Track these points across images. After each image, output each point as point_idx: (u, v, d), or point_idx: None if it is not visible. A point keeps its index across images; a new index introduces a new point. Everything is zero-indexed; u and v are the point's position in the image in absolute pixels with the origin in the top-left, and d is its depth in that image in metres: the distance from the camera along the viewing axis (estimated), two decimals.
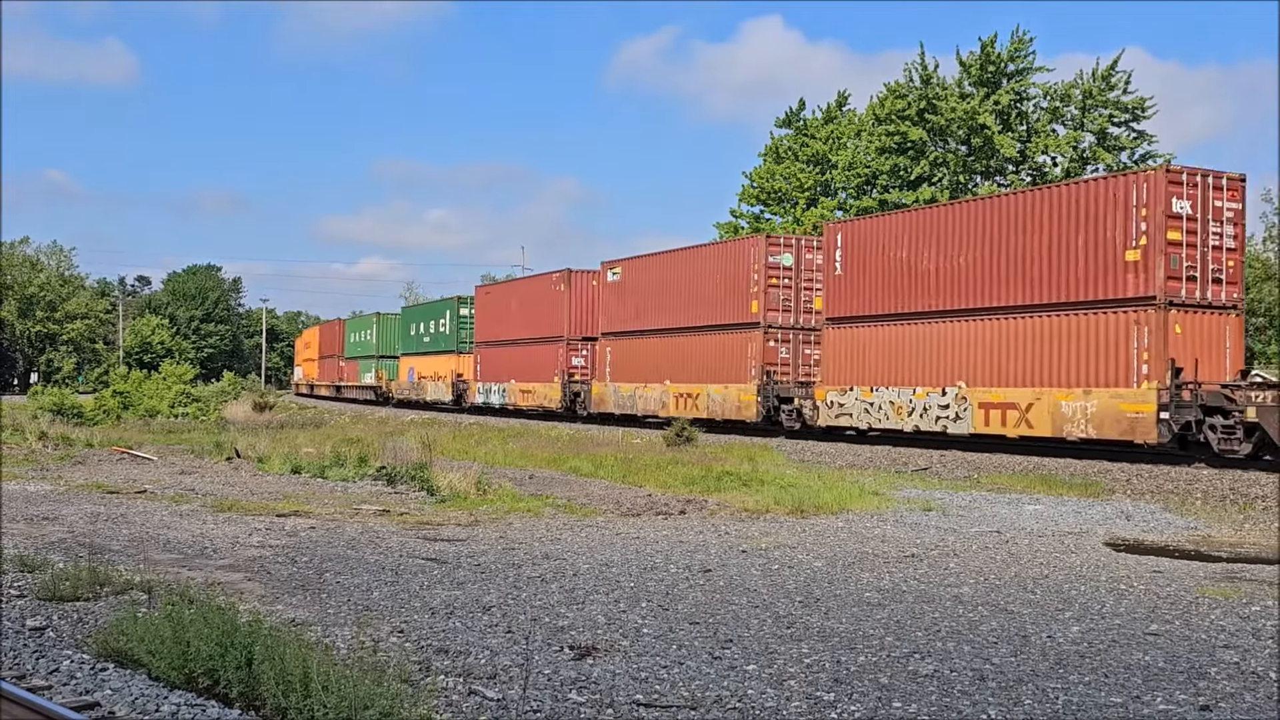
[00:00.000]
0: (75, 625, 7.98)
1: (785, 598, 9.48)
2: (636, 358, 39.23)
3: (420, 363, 59.95)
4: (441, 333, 57.23)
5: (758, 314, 33.24)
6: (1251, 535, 14.41)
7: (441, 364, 56.58)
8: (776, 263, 33.44)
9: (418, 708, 5.63)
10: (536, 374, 45.76)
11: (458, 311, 55.46)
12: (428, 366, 58.74)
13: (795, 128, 58.11)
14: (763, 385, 32.76)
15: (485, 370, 51.07)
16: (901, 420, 27.63)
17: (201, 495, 16.66)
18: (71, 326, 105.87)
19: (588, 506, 15.99)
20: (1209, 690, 6.77)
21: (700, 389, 35.38)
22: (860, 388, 28.94)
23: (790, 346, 33.52)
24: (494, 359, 50.27)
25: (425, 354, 59.52)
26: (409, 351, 62.15)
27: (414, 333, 61.59)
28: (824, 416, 30.21)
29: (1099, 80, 45.59)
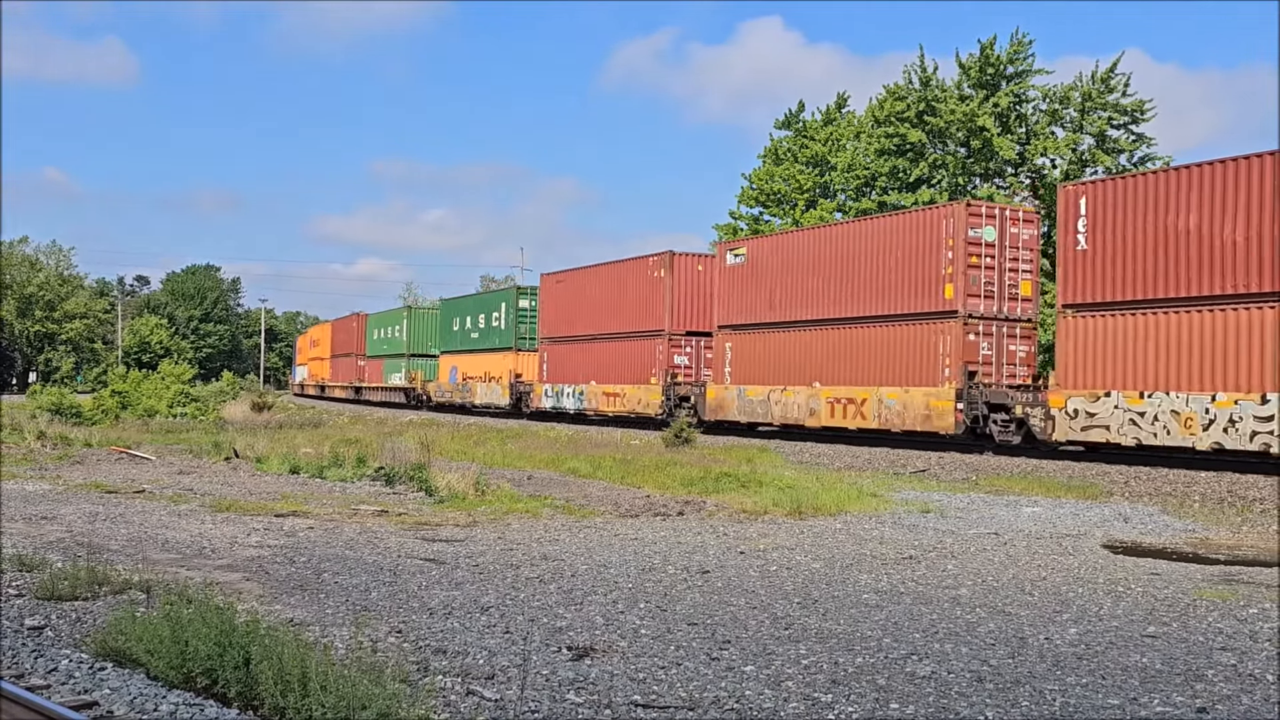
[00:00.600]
0: (74, 624, 7.98)
1: (783, 599, 9.48)
2: (769, 355, 32.60)
3: (466, 361, 52.97)
4: (495, 328, 50.16)
5: (953, 300, 26.86)
6: (1249, 538, 14.42)
7: (495, 363, 49.77)
8: (978, 237, 27.07)
9: (416, 708, 5.64)
10: (627, 374, 39.08)
11: (516, 304, 48.86)
12: (476, 365, 51.75)
13: (794, 129, 58.13)
14: (965, 389, 26.31)
15: (554, 369, 44.03)
16: (1192, 435, 21.28)
17: (200, 495, 16.66)
18: (70, 326, 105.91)
19: (586, 507, 16.00)
20: (1206, 692, 6.78)
21: (867, 393, 28.71)
22: (1123, 392, 22.63)
23: (992, 340, 27.10)
24: (566, 357, 43.19)
25: (473, 352, 52.38)
26: (451, 349, 55.13)
27: (457, 328, 54.60)
28: (1062, 429, 23.71)
29: (1098, 83, 45.59)
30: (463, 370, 53.24)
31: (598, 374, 40.73)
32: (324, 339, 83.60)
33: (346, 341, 74.37)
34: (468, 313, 54.13)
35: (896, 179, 49.23)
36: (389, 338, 65.23)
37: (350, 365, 72.83)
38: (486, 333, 51.23)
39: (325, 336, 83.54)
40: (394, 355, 63.91)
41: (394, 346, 64.08)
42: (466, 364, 52.96)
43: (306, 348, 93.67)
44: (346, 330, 75.45)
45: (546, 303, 45.30)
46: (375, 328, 68.52)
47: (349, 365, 73.07)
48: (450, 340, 55.58)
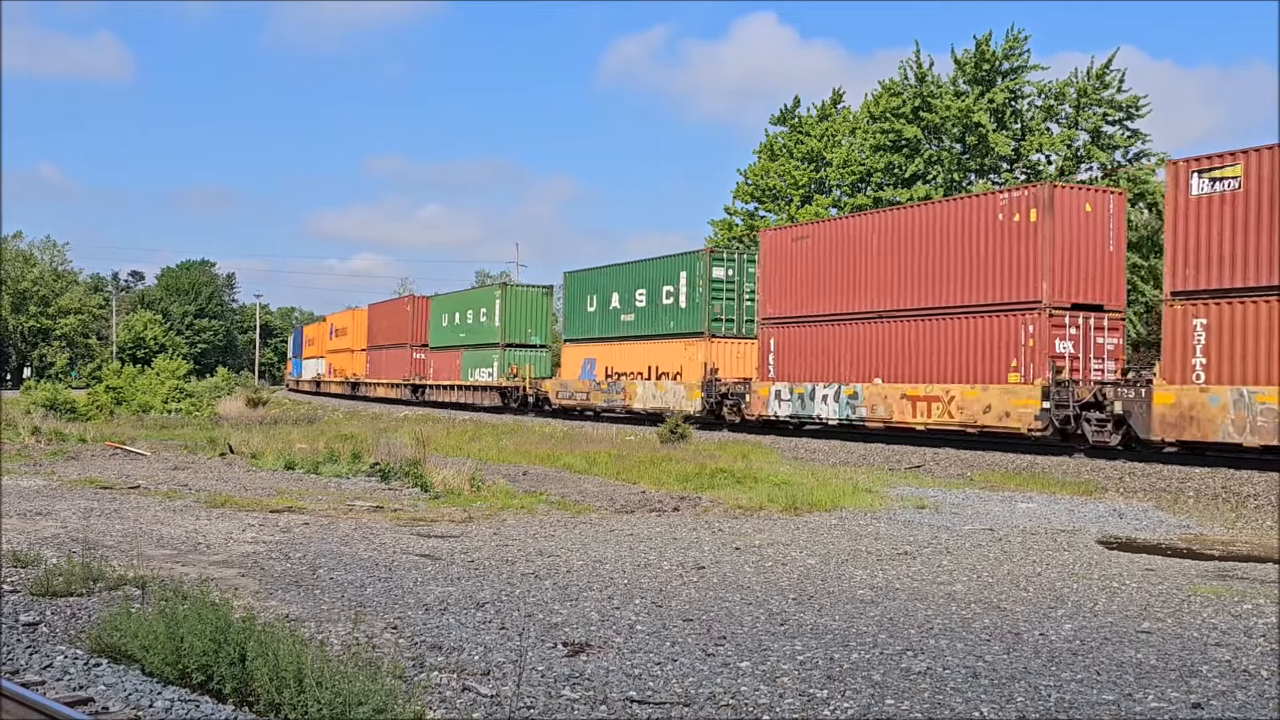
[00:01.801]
0: (69, 621, 7.97)
1: (778, 595, 9.49)
2: None
3: (613, 352, 39.80)
4: (667, 306, 36.99)
5: None
6: (1243, 534, 14.46)
7: (669, 353, 36.47)
8: None
9: (411, 704, 5.64)
10: (960, 368, 25.94)
11: (707, 272, 35.24)
12: (631, 357, 38.69)
13: (790, 125, 58.12)
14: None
15: (789, 363, 30.87)
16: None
17: (195, 491, 16.64)
18: (65, 322, 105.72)
19: (581, 503, 16.00)
20: (1201, 688, 6.79)
21: None
22: None
23: None
24: (815, 344, 29.92)
25: (626, 339, 39.15)
26: (583, 336, 41.98)
27: (595, 308, 41.27)
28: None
29: (1093, 79, 45.63)
30: (607, 363, 40.01)
31: (887, 368, 27.94)
32: (356, 327, 70.47)
33: (395, 329, 61.31)
34: (617, 288, 40.01)
35: (892, 175, 49.26)
36: (468, 324, 52.16)
37: (402, 359, 59.50)
38: (652, 313, 37.83)
39: (358, 324, 70.20)
40: (478, 345, 50.68)
41: (478, 334, 50.86)
42: (614, 355, 39.66)
43: (322, 339, 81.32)
44: (394, 315, 62.31)
45: (774, 270, 31.74)
46: (443, 312, 55.83)
47: (400, 359, 59.87)
48: (582, 324, 42.16)
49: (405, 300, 62.57)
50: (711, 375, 34.40)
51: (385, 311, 65.33)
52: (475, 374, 50.67)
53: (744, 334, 35.21)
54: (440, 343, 55.55)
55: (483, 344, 50.25)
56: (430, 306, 57.78)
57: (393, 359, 61.71)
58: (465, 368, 51.75)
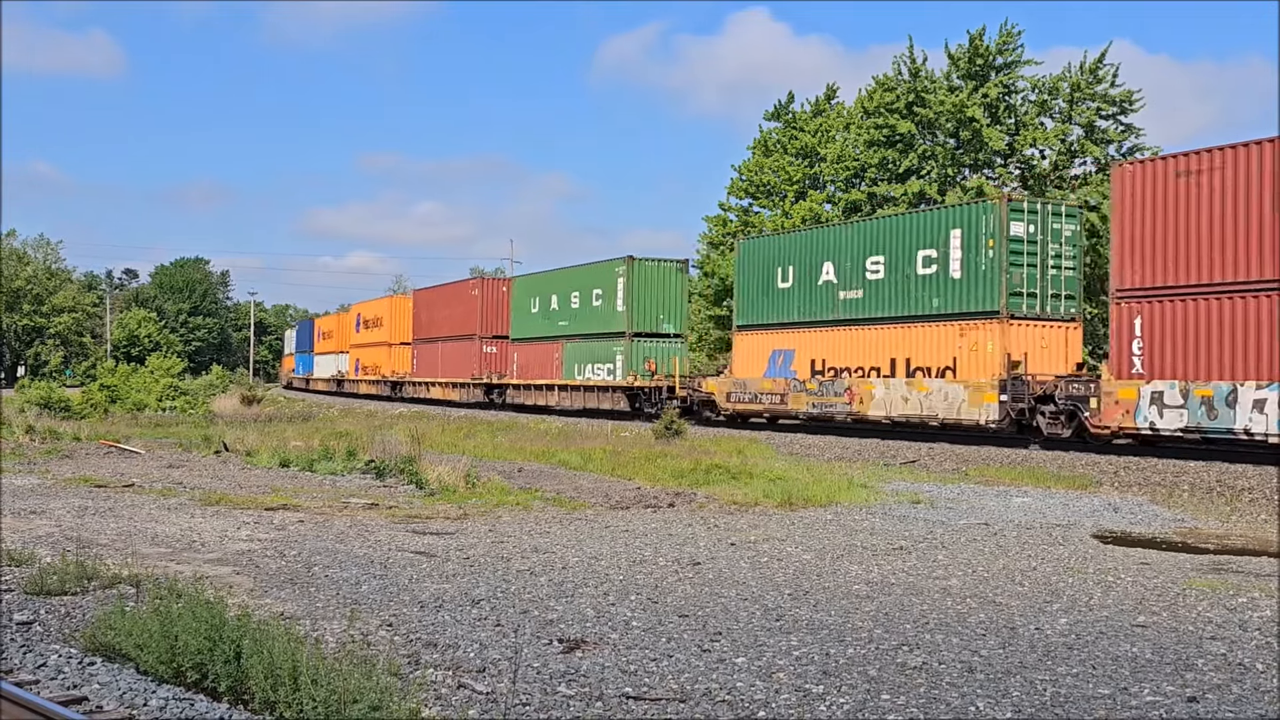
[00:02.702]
0: (63, 619, 7.95)
1: (774, 590, 9.49)
2: None
3: (825, 342, 29.81)
4: (927, 278, 26.87)
5: None
6: (1238, 527, 14.48)
7: (930, 342, 26.72)
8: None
9: (407, 701, 5.62)
10: None
11: (994, 229, 25.44)
12: (863, 348, 28.65)
13: (784, 121, 58.10)
14: None
15: (1170, 353, 21.33)
16: None
17: (189, 489, 16.62)
18: (59, 320, 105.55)
19: (577, 500, 16.00)
20: (1196, 681, 6.80)
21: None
22: None
23: None
24: (1227, 327, 20.44)
25: (842, 324, 29.31)
26: (764, 322, 32.05)
27: (785, 283, 31.34)
28: None
29: (1086, 73, 45.65)
30: (816, 356, 30.12)
31: None
32: (396, 316, 60.66)
33: (457, 318, 50.85)
34: (834, 255, 29.93)
35: (886, 170, 49.27)
36: (573, 309, 41.89)
37: (467, 353, 49.07)
38: (901, 287, 27.64)
39: (398, 313, 60.46)
40: (590, 335, 40.44)
41: (590, 321, 40.64)
42: (827, 345, 29.81)
43: (343, 331, 72.09)
44: (456, 301, 51.48)
45: (1140, 219, 22.03)
46: (531, 295, 45.38)
47: (464, 353, 49.43)
48: (769, 305, 32.05)
49: (471, 283, 51.76)
50: (1013, 371, 24.72)
51: (442, 297, 54.06)
52: (586, 371, 40.32)
53: (1050, 314, 25.81)
54: (528, 333, 45.29)
55: (598, 334, 39.92)
56: (512, 290, 48.07)
57: (454, 354, 50.92)
58: (570, 363, 41.40)
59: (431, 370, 53.73)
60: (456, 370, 50.55)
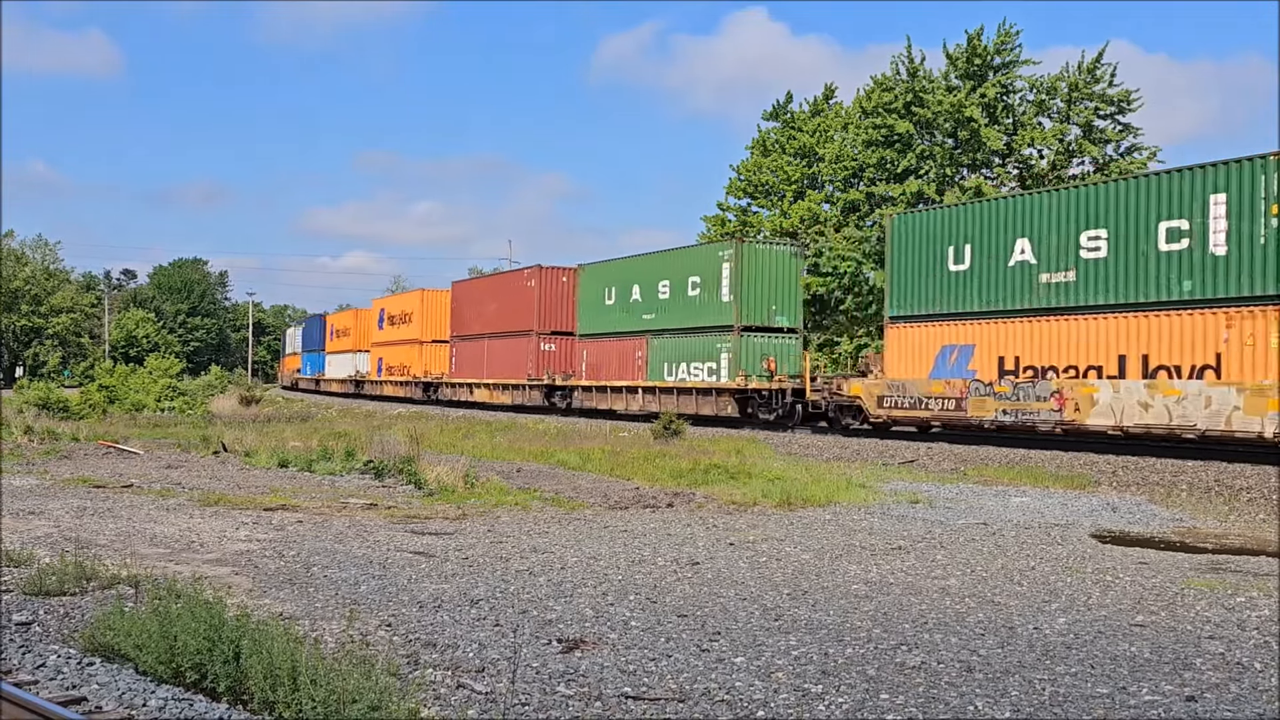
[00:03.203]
0: (62, 620, 7.95)
1: (773, 590, 9.49)
2: None
3: (1019, 335, 24.79)
4: (1173, 254, 21.85)
5: None
6: (1236, 527, 14.49)
7: (1183, 334, 21.56)
8: None
9: (406, 701, 5.63)
10: None
11: None
12: (1076, 342, 23.60)
13: (783, 121, 58.11)
14: None
15: None
16: None
17: (188, 489, 16.61)
18: (57, 320, 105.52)
19: (575, 500, 16.00)
20: (1194, 681, 6.80)
21: None
22: None
23: None
24: None
25: (1044, 314, 24.27)
26: (930, 312, 27.14)
27: (959, 265, 26.33)
28: None
29: (1084, 73, 45.68)
30: (1006, 353, 24.97)
31: None
32: (429, 312, 55.65)
33: (508, 312, 45.70)
34: (1031, 231, 24.74)
35: (884, 170, 49.28)
36: (662, 299, 36.76)
37: (521, 351, 44.20)
38: (1133, 265, 22.55)
39: (432, 308, 55.48)
40: (686, 330, 35.44)
41: (686, 313, 35.49)
42: (1022, 339, 24.63)
43: (364, 328, 66.88)
44: (506, 293, 46.42)
45: None
46: (606, 285, 39.81)
47: (517, 351, 44.49)
48: (936, 291, 27.01)
49: (526, 273, 45.16)
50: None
51: (488, 290, 48.87)
52: (680, 371, 35.39)
53: None
54: (600, 328, 39.75)
55: (697, 328, 34.89)
56: (578, 280, 42.06)
57: (504, 352, 45.61)
58: (657, 362, 36.46)
59: (474, 370, 48.63)
60: (507, 370, 45.34)
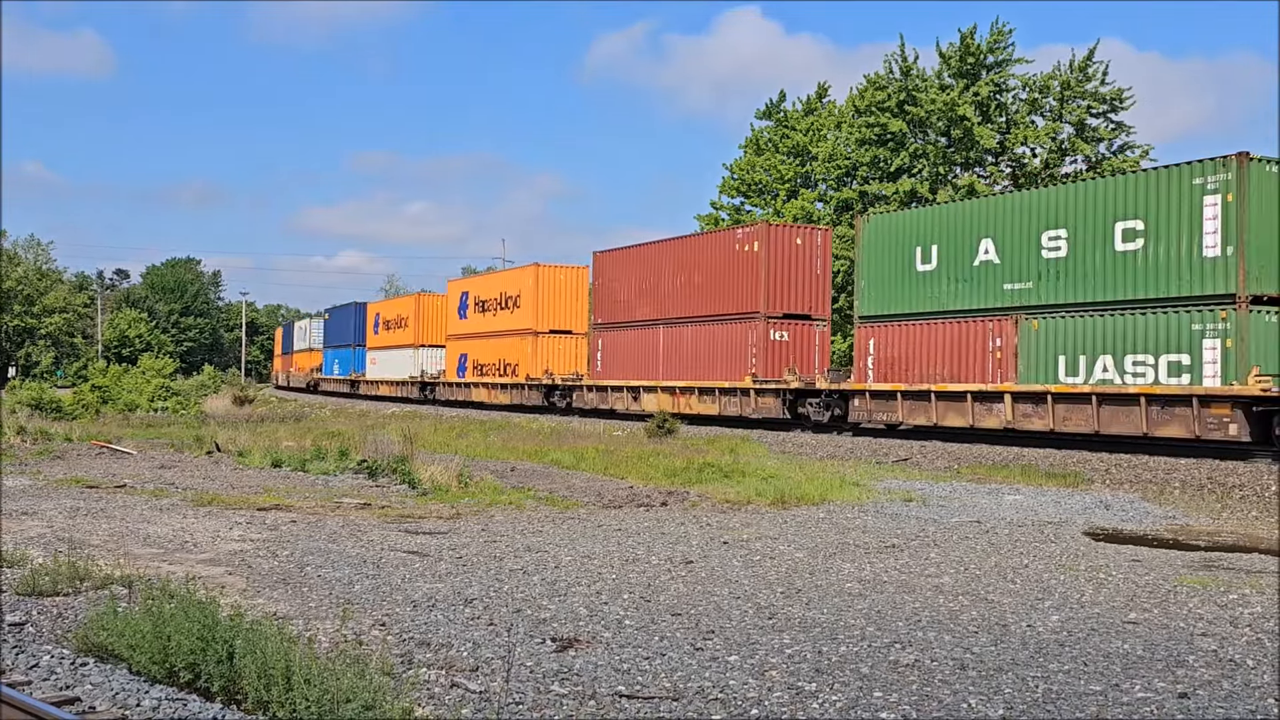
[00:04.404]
0: (55, 620, 7.94)
1: (767, 588, 9.50)
2: None
3: None
4: None
5: None
6: (1229, 524, 14.52)
7: None
8: None
9: (400, 700, 5.63)
10: None
11: None
12: None
13: (776, 119, 58.14)
14: None
15: None
16: None
17: (181, 489, 16.59)
18: (49, 321, 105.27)
19: (569, 499, 15.99)
20: (1187, 678, 6.82)
21: None
22: None
23: None
24: None
25: None
26: None
27: None
28: None
29: (1076, 71, 45.76)
30: None
31: None
32: (548, 293, 44.54)
33: (711, 288, 34.01)
34: None
35: (877, 169, 49.32)
36: (1061, 259, 23.85)
37: (736, 341, 32.93)
38: None
39: (553, 288, 44.66)
40: (1101, 306, 22.99)
41: (1096, 275, 23.10)
42: None
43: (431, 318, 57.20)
44: (702, 263, 34.66)
45: None
46: (918, 242, 27.64)
47: (727, 342, 33.29)
48: None
49: (741, 233, 33.55)
50: None
51: (668, 258, 36.15)
52: (1102, 369, 22.79)
53: None
54: (904, 306, 27.81)
55: (1142, 301, 22.28)
56: (862, 235, 29.16)
57: (702, 344, 34.19)
58: (1042, 355, 24.12)
59: (637, 367, 37.06)
60: (706, 367, 33.87)
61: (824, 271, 33.17)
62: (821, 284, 32.99)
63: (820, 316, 32.94)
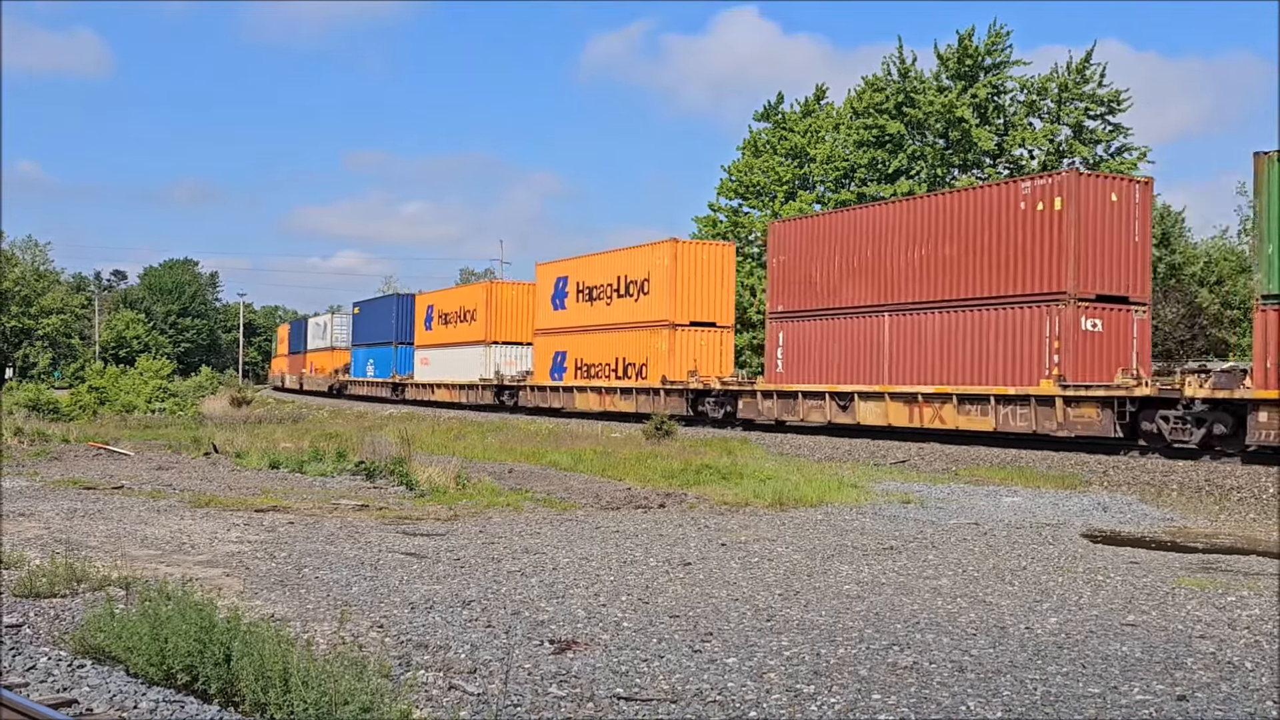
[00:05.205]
0: (52, 622, 7.92)
1: (765, 590, 9.49)
2: None
3: None
4: None
5: None
6: (1226, 526, 14.52)
7: None
8: None
9: (398, 703, 5.62)
10: None
11: None
12: None
13: (774, 121, 58.16)
14: None
15: None
16: None
17: (179, 490, 16.57)
18: (47, 322, 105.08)
19: (567, 500, 15.99)
20: (1185, 680, 6.82)
21: None
22: None
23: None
24: None
25: None
26: None
27: None
28: None
29: (1073, 73, 45.81)
30: None
31: None
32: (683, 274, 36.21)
33: (976, 263, 26.22)
34: None
35: (875, 170, 49.35)
36: None
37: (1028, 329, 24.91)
38: None
39: (692, 269, 36.45)
40: None
41: None
42: None
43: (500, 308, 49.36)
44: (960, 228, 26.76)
45: None
46: None
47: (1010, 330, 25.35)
48: None
49: (1029, 185, 25.69)
50: None
51: (896, 224, 28.33)
52: None
53: None
54: None
55: None
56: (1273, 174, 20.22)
57: (971, 335, 26.16)
58: None
59: (850, 369, 29.17)
60: (975, 369, 25.83)
61: (1143, 239, 25.62)
62: (1141, 255, 25.43)
63: (1139, 300, 25.36)
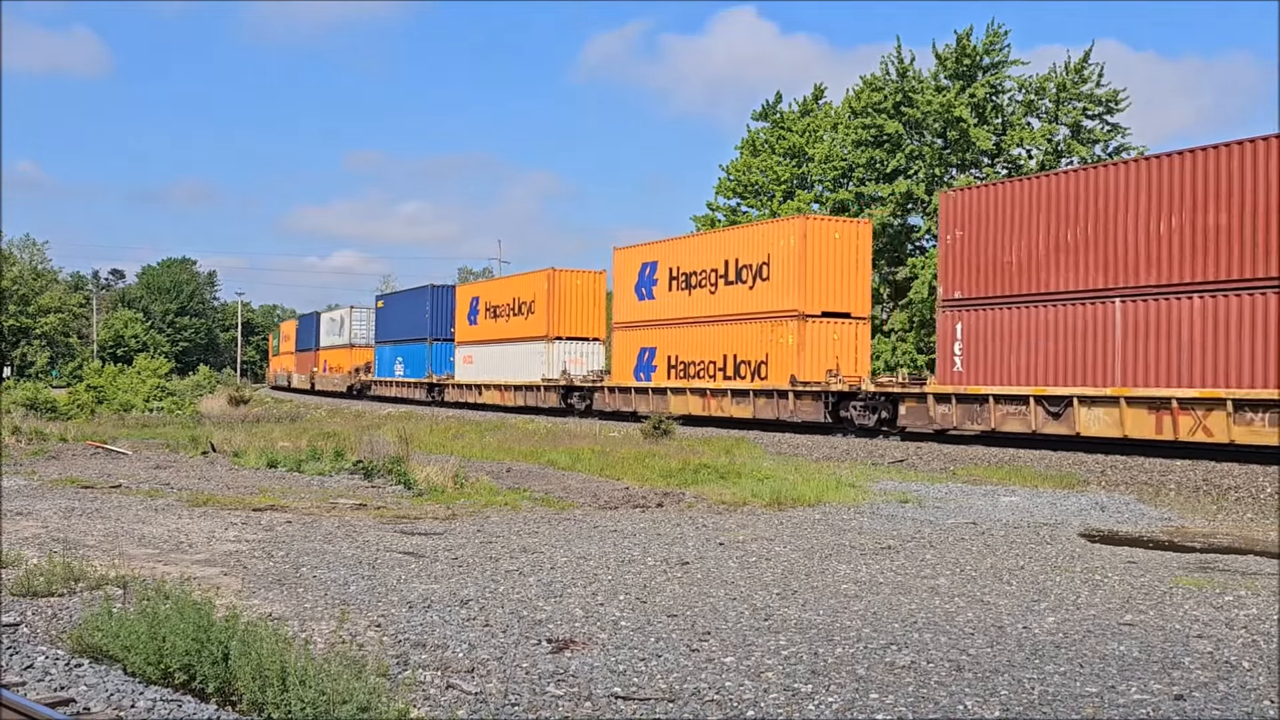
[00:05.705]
0: (50, 621, 7.92)
1: (762, 590, 9.50)
2: None
3: None
4: None
5: None
6: (1224, 526, 14.53)
7: None
8: None
9: (395, 702, 5.62)
10: None
11: None
12: None
13: (772, 121, 58.16)
14: None
15: None
16: None
17: (177, 490, 16.57)
18: (45, 320, 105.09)
19: (565, 500, 15.99)
20: (1183, 680, 6.82)
21: None
22: None
23: None
24: None
25: None
26: None
27: None
28: None
29: (1071, 73, 45.82)
30: None
31: None
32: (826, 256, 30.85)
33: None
34: None
35: (874, 170, 49.33)
36: None
37: None
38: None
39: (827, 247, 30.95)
40: None
41: None
42: None
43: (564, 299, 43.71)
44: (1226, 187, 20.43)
45: None
46: None
47: None
48: None
49: None
50: None
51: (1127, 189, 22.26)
52: None
53: None
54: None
55: None
56: None
57: (1248, 325, 20.19)
58: None
59: (1059, 367, 23.57)
60: (1255, 368, 20.11)
61: None
62: None
63: None
